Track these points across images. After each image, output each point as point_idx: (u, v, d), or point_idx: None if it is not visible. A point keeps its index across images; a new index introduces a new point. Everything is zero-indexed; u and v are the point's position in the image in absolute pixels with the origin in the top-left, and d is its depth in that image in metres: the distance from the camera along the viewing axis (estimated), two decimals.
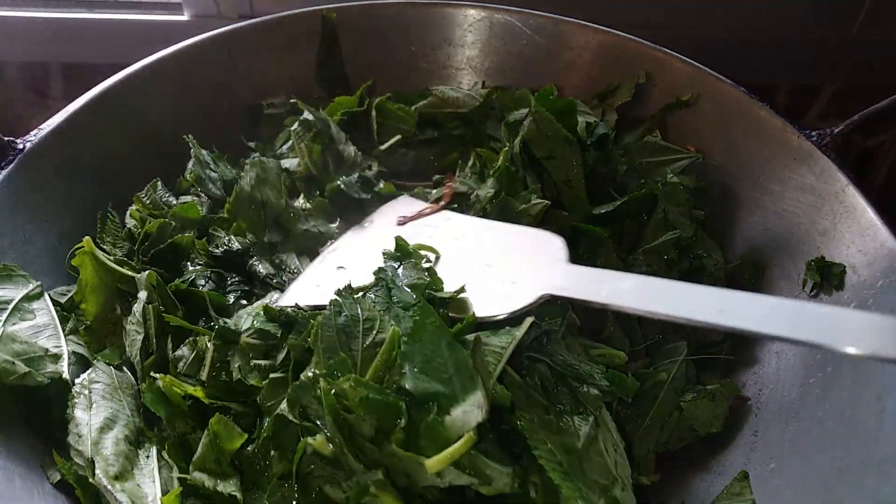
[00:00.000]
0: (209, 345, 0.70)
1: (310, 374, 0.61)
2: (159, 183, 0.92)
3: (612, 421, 0.70)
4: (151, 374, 0.68)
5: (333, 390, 0.57)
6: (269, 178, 0.87)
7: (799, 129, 0.84)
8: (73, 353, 0.70)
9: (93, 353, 0.73)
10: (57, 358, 0.66)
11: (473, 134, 1.02)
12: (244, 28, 1.01)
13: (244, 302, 0.80)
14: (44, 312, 0.70)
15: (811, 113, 1.57)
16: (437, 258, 0.78)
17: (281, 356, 0.68)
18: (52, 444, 0.67)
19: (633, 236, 0.90)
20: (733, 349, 0.86)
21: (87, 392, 0.66)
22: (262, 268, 0.82)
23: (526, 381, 0.65)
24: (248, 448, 0.65)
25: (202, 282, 0.80)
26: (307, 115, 0.95)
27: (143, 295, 0.74)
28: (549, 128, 0.86)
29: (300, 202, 0.90)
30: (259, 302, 0.78)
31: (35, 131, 0.82)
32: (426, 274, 0.71)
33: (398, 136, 1.02)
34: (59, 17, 1.32)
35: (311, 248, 0.87)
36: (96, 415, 0.64)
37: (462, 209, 0.89)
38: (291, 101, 1.04)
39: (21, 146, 0.80)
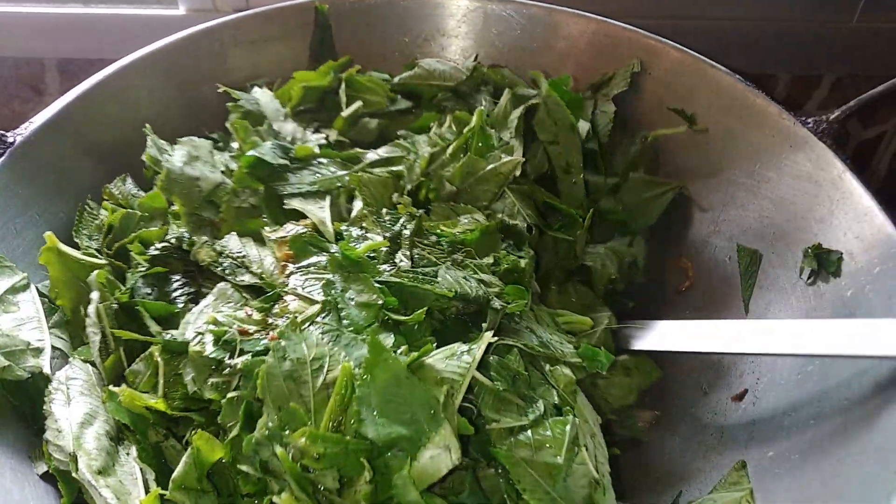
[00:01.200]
0: (159, 359, 0.67)
1: (265, 430, 0.57)
2: (129, 177, 0.90)
3: (586, 402, 0.68)
4: (110, 387, 0.66)
5: (290, 452, 0.54)
6: (200, 156, 0.85)
7: (795, 116, 0.83)
8: (55, 347, 0.69)
9: (72, 349, 0.72)
10: (38, 352, 0.65)
11: (462, 108, 1.00)
12: (236, 20, 1.00)
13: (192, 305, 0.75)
14: (28, 304, 0.69)
15: (811, 102, 1.56)
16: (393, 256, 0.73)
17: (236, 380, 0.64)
18: (41, 435, 0.66)
19: None
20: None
21: (64, 388, 0.65)
22: (204, 254, 0.77)
23: (495, 383, 0.62)
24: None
25: (147, 290, 0.75)
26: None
27: (94, 295, 0.72)
28: (559, 114, 0.88)
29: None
30: (204, 303, 0.73)
31: (25, 125, 0.81)
32: (377, 295, 0.65)
33: (358, 104, 0.99)
34: (54, 13, 1.32)
35: (252, 230, 0.82)
36: (75, 411, 0.63)
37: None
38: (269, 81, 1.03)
39: (11, 140, 0.79)
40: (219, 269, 0.76)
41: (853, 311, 0.72)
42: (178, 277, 0.77)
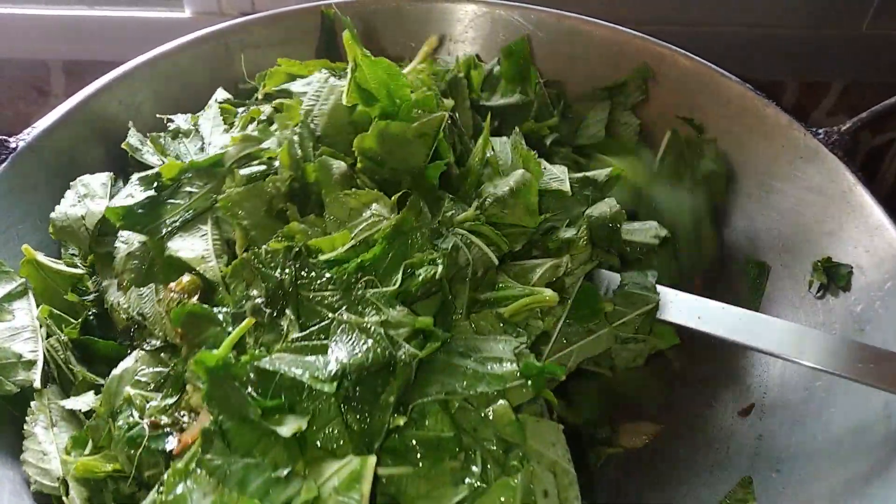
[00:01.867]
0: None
1: None
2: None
3: (539, 426, 0.56)
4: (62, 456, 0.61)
5: None
6: (90, 193, 0.78)
7: (805, 127, 0.82)
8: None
9: None
10: (31, 364, 0.64)
11: None
12: (241, 24, 0.99)
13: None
14: (24, 313, 0.67)
15: (819, 110, 1.54)
16: None
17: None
18: None
19: None
20: None
21: (47, 410, 0.63)
22: (117, 318, 0.70)
23: (413, 467, 0.53)
24: None
25: (97, 327, 0.72)
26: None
27: (42, 331, 0.68)
28: None
29: None
30: (123, 365, 0.66)
31: (28, 129, 0.81)
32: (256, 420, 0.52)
33: None
34: (60, 15, 1.32)
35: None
36: (59, 435, 0.62)
37: None
38: None
39: (14, 145, 0.79)
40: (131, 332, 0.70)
41: (862, 326, 0.71)
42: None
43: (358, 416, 0.54)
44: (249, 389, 0.53)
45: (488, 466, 0.54)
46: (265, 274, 0.61)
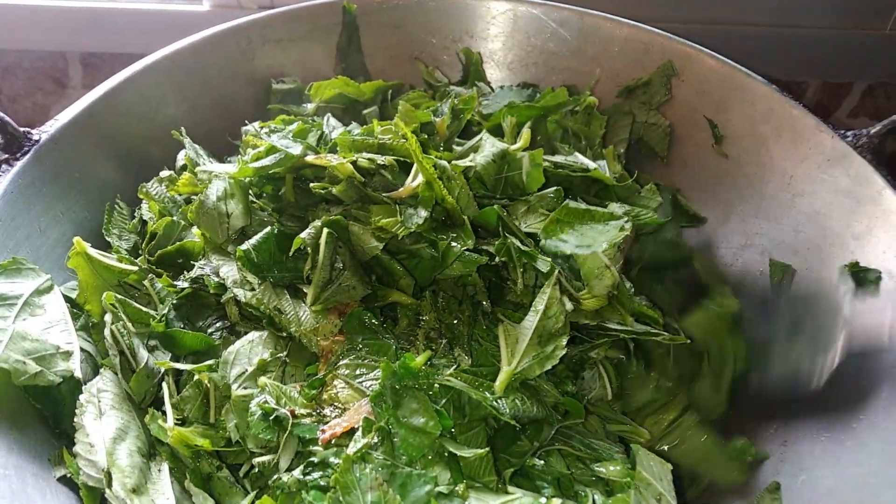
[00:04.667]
0: (210, 390, 0.68)
1: None
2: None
3: (651, 462, 0.65)
4: (159, 423, 0.65)
5: None
6: (236, 193, 0.79)
7: (834, 129, 0.81)
8: (83, 350, 0.68)
9: (101, 354, 0.71)
10: (68, 355, 0.64)
11: None
12: (263, 19, 0.99)
13: (232, 338, 0.73)
14: (54, 307, 0.68)
15: (841, 110, 1.53)
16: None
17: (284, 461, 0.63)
18: (63, 439, 0.66)
19: None
20: None
21: (96, 401, 0.64)
22: (230, 312, 0.74)
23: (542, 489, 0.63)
24: None
25: (180, 322, 0.73)
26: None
27: (107, 318, 0.71)
28: None
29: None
30: (239, 344, 0.70)
31: (51, 122, 0.80)
32: (434, 421, 0.59)
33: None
34: (79, 7, 1.31)
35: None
36: (107, 425, 0.63)
37: None
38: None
39: (37, 137, 0.78)
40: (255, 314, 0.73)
41: (893, 332, 0.70)
42: (211, 312, 0.76)
43: (501, 453, 0.64)
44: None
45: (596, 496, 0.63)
46: (451, 306, 0.70)
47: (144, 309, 0.72)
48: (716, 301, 0.83)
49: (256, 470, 0.65)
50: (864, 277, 0.75)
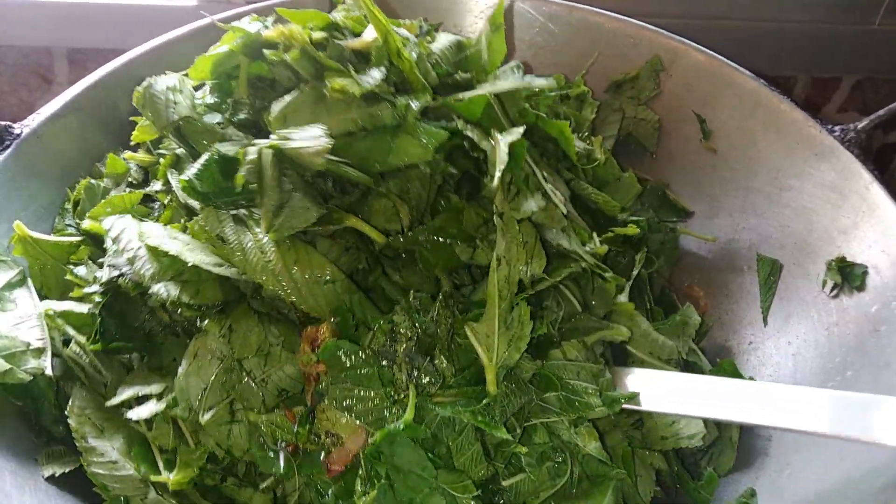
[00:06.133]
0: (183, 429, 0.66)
1: None
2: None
3: None
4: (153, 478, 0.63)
5: None
6: (184, 91, 0.76)
7: (821, 124, 0.81)
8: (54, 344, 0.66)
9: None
10: (40, 352, 0.63)
11: None
12: (248, 12, 0.98)
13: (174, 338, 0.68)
14: (25, 301, 0.66)
15: (830, 105, 1.53)
16: None
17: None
18: (43, 435, 0.65)
19: None
20: None
21: (88, 420, 0.63)
22: (165, 294, 0.63)
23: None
24: None
25: (112, 327, 0.67)
26: None
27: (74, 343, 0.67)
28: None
29: None
30: (186, 364, 0.64)
31: (32, 116, 0.79)
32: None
33: None
34: (64, 1, 1.30)
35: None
36: (114, 439, 0.62)
37: None
38: None
39: (18, 131, 0.78)
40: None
41: (878, 326, 0.70)
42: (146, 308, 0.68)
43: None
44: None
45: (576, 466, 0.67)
46: (421, 321, 0.65)
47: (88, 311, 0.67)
48: None
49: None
50: (850, 272, 0.74)
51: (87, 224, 0.72)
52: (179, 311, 0.64)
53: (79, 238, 0.74)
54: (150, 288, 0.62)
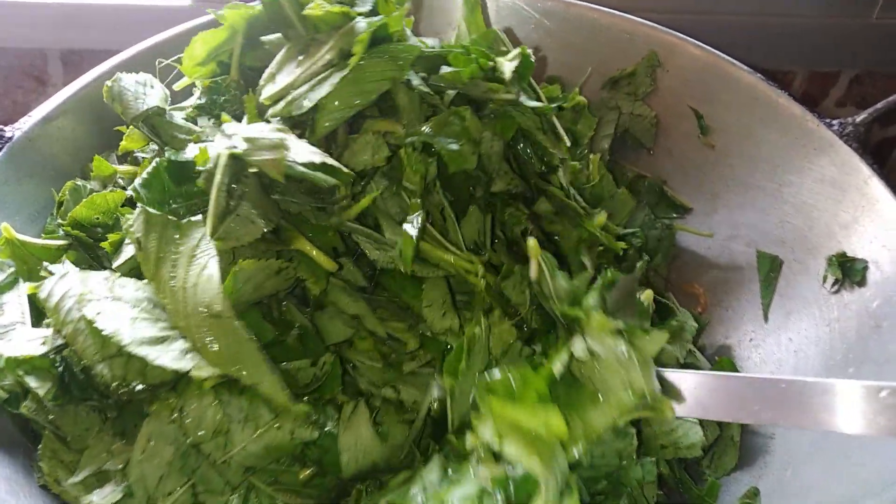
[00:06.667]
0: None
1: None
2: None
3: None
4: None
5: None
6: (155, 86, 0.76)
7: (819, 118, 0.80)
8: None
9: None
10: None
11: None
12: None
13: None
14: (13, 306, 0.63)
15: (828, 100, 1.52)
16: None
17: None
18: (37, 441, 0.64)
19: None
20: None
21: (60, 464, 0.60)
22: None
23: None
24: None
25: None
26: None
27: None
28: None
29: None
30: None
31: (23, 119, 0.79)
32: None
33: None
34: (58, 2, 1.29)
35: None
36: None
37: None
38: None
39: (10, 135, 0.77)
40: None
41: (879, 322, 0.70)
42: None
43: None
44: None
45: None
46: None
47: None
48: None
49: None
50: (851, 267, 0.74)
51: (27, 289, 0.66)
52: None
53: (66, 242, 0.73)
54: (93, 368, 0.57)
